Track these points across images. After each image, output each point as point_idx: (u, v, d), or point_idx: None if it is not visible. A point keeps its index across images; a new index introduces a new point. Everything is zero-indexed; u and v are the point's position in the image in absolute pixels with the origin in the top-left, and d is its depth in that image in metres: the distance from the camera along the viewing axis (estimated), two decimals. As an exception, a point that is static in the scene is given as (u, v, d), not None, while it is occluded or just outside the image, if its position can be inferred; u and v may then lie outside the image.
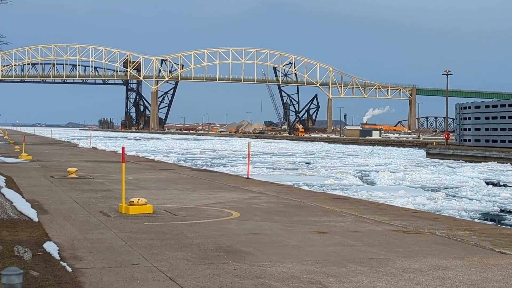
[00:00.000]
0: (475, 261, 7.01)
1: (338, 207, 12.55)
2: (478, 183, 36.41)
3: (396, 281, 5.85)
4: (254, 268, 6.42)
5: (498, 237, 9.08)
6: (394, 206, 14.40)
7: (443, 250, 7.79)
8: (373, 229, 9.69)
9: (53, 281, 5.58)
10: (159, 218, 10.25)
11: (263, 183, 19.43)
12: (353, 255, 7.32)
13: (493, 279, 6.02)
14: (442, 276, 6.11)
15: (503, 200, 27.41)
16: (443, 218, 12.17)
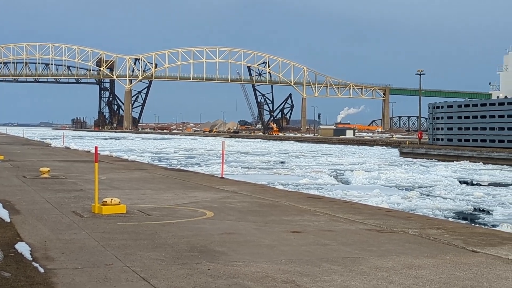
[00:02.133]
0: (448, 259, 6.87)
1: (312, 207, 12.21)
2: (451, 182, 35.96)
3: (369, 280, 5.66)
4: (227, 268, 6.18)
5: (470, 235, 8.95)
6: (368, 205, 14.06)
7: (416, 249, 7.63)
8: (347, 228, 9.44)
9: (25, 282, 5.28)
10: (133, 218, 9.89)
11: (237, 182, 18.83)
12: (326, 254, 7.11)
13: (465, 277, 5.87)
14: (415, 275, 5.92)
15: (476, 199, 27.05)
16: (416, 217, 11.93)
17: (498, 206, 25.15)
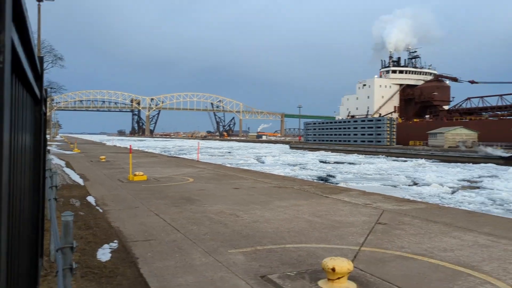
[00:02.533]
0: (314, 201, 10.97)
1: (245, 175, 17.60)
2: (315, 161, 57.36)
3: (274, 212, 9.38)
4: (201, 208, 9.79)
5: (325, 188, 13.76)
6: (274, 174, 20.41)
7: (298, 196, 11.80)
8: (263, 186, 13.97)
9: (92, 216, 8.54)
10: (150, 182, 14.60)
11: (206, 163, 27.32)
12: (252, 199, 11.05)
13: (323, 209, 9.83)
14: (297, 209, 9.75)
15: (327, 170, 43.06)
16: (298, 179, 17.29)
17: (338, 173, 38.80)
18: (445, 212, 9.85)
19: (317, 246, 6.52)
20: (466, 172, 44.48)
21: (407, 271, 5.36)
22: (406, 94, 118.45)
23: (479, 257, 6.02)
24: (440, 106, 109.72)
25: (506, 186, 30.08)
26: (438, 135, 79.65)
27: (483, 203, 23.14)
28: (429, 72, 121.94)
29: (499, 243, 6.87)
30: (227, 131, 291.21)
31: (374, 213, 9.50)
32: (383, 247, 6.50)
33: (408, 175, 40.07)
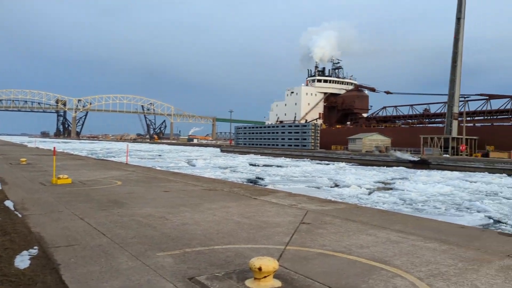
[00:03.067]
0: (243, 202, 11.10)
1: (175, 178, 17.21)
2: (246, 164, 58.18)
3: (204, 214, 9.31)
4: (129, 211, 9.45)
5: (254, 190, 13.97)
6: (205, 177, 20.27)
7: (227, 198, 11.85)
8: (193, 189, 13.76)
9: (10, 222, 7.89)
10: (75, 186, 13.70)
11: (135, 166, 26.27)
12: (182, 202, 10.90)
13: (251, 210, 9.95)
14: (227, 211, 9.77)
15: (257, 173, 43.32)
16: (228, 182, 17.28)
17: (267, 176, 39.45)
18: (363, 212, 10.42)
19: (245, 247, 6.58)
20: (381, 174, 47.49)
21: (328, 268, 5.59)
22: (329, 102, 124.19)
23: (391, 252, 6.44)
24: (359, 113, 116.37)
25: (415, 187, 32.57)
26: (356, 140, 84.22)
27: (395, 203, 24.84)
28: (351, 82, 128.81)
29: (408, 239, 7.41)
30: (158, 134, 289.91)
31: (299, 213, 9.80)
32: (306, 246, 6.72)
33: (331, 177, 41.92)
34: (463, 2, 70.54)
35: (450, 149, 68.32)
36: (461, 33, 70.59)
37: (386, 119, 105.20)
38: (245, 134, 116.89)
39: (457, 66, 70.83)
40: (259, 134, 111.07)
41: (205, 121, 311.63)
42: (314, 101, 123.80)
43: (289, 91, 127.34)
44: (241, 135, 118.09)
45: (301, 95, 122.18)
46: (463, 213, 21.60)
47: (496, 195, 30.08)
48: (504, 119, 78.24)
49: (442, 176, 45.15)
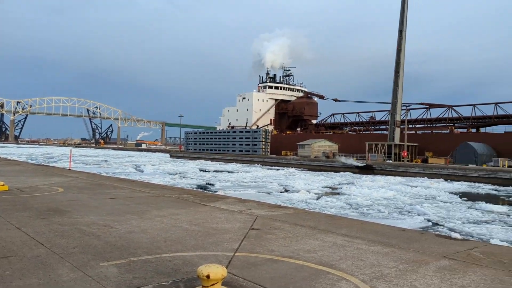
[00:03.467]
0: (192, 209, 10.90)
1: (122, 184, 16.53)
2: (195, 170, 57.05)
3: (151, 222, 9.03)
4: (71, 219, 8.98)
5: (203, 197, 13.83)
6: (153, 183, 19.61)
7: (176, 205, 11.55)
8: (140, 195, 13.35)
9: None
10: (12, 193, 12.73)
11: (79, 172, 24.76)
12: (129, 209, 10.54)
13: (200, 217, 9.81)
14: (175, 218, 9.55)
15: (207, 179, 42.92)
16: (178, 188, 16.85)
17: (217, 181, 39.50)
18: (311, 217, 10.63)
19: (193, 254, 6.48)
20: (329, 179, 48.78)
21: (276, 273, 5.63)
22: (280, 108, 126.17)
23: (337, 256, 6.61)
24: (309, 120, 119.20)
25: (360, 192, 33.74)
26: (305, 146, 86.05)
27: (342, 207, 25.59)
28: (301, 89, 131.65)
29: (353, 242, 7.64)
30: (104, 139, 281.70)
31: (248, 219, 9.81)
32: (255, 252, 6.73)
33: (280, 182, 42.45)
34: (405, 16, 74.51)
35: (393, 155, 71.57)
36: (403, 45, 74.44)
37: (335, 125, 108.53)
38: (195, 139, 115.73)
39: (400, 76, 74.55)
40: (210, 139, 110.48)
41: (154, 125, 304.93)
42: (265, 107, 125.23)
43: (240, 96, 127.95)
44: (192, 141, 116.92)
45: (252, 101, 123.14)
46: (404, 217, 22.64)
47: (434, 199, 31.83)
48: (443, 127, 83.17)
49: (386, 181, 47.15)
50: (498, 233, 18.38)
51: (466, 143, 65.58)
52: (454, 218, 22.42)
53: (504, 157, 61.62)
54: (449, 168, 56.46)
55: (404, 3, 74.32)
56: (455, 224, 20.56)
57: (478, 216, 23.63)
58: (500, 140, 68.63)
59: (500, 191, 41.40)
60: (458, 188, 42.75)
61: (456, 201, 30.80)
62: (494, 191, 41.82)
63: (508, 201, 33.64)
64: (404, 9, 74.28)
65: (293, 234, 8.24)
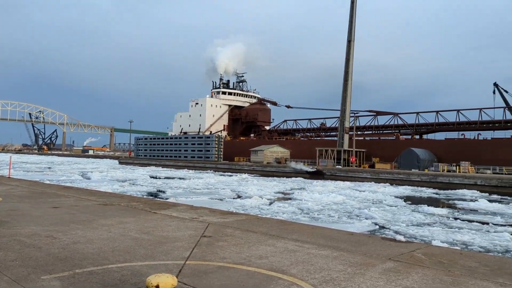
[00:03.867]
0: (141, 217, 10.65)
1: (67, 193, 15.79)
2: (146, 177, 56.07)
3: (98, 231, 8.73)
4: (10, 230, 8.45)
5: (154, 204, 13.54)
6: (100, 191, 18.70)
7: (124, 213, 11.29)
8: (87, 204, 12.80)
9: None
10: None
11: (19, 180, 23.47)
12: (73, 219, 10.08)
13: (150, 225, 9.49)
14: (124, 227, 9.26)
15: (158, 186, 42.21)
16: (127, 196, 16.40)
17: (169, 188, 39.45)
18: (263, 223, 10.69)
19: (143, 264, 6.30)
20: (281, 185, 49.38)
21: (227, 281, 5.60)
22: (234, 114, 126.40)
23: (288, 262, 6.68)
24: (262, 126, 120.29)
25: (311, 197, 34.43)
26: (258, 152, 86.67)
27: (294, 212, 25.97)
28: (254, 96, 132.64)
29: (303, 247, 7.76)
30: (48, 145, 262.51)
31: (200, 226, 9.70)
32: (207, 259, 6.66)
33: (233, 188, 42.41)
34: (353, 27, 77.39)
35: (342, 160, 73.77)
36: (351, 54, 77.19)
37: (287, 131, 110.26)
38: (146, 145, 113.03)
39: (348, 84, 77.18)
40: (161, 145, 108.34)
41: (102, 131, 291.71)
42: (219, 113, 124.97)
43: (193, 102, 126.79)
44: (142, 146, 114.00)
45: (205, 107, 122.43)
46: (353, 220, 23.35)
47: (381, 203, 33.11)
48: (389, 134, 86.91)
49: (336, 186, 48.45)
50: (439, 234, 19.41)
51: (409, 149, 68.88)
52: (399, 221, 23.42)
53: (444, 162, 65.38)
54: (394, 173, 59.00)
55: (352, 14, 77.21)
56: (400, 227, 21.47)
57: (421, 218, 24.83)
58: (441, 146, 72.76)
59: (440, 195, 43.81)
60: (403, 192, 44.75)
61: (401, 205, 32.21)
62: (435, 194, 44.18)
63: (447, 204, 35.66)
64: (352, 20, 77.16)
65: (245, 240, 8.25)
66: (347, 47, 77.63)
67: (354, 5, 77.32)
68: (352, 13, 77.30)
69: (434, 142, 75.89)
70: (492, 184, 48.69)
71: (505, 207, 32.64)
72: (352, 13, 77.33)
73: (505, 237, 18.87)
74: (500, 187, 47.72)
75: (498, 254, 15.58)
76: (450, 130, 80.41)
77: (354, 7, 77.29)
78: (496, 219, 25.66)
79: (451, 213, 28.37)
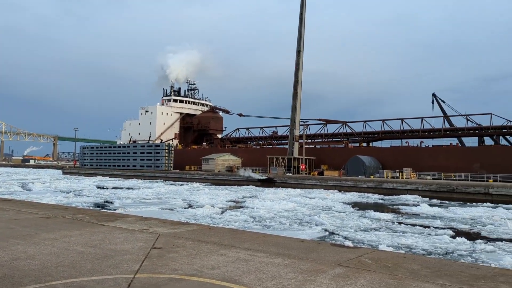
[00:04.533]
0: (87, 230, 10.24)
1: (5, 206, 14.81)
2: (92, 187, 53.15)
3: (40, 246, 8.24)
4: None
5: (101, 216, 13.05)
6: (43, 203, 17.74)
7: (70, 226, 10.76)
8: (27, 217, 12.05)
9: None
10: None
11: None
12: (13, 233, 9.47)
13: (97, 238, 9.23)
14: (68, 241, 8.85)
15: (105, 196, 40.67)
16: (72, 208, 15.53)
17: (117, 199, 38.38)
18: (214, 232, 10.62)
19: (90, 279, 6.06)
20: (233, 193, 49.32)
21: (179, 293, 5.51)
22: (185, 122, 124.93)
23: (240, 271, 6.69)
24: (215, 134, 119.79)
25: (263, 205, 34.68)
26: (209, 161, 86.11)
27: (246, 221, 26.01)
28: (206, 104, 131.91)
29: (255, 256, 7.81)
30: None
31: (150, 238, 9.48)
32: (158, 272, 6.52)
33: (184, 198, 41.80)
34: (302, 37, 79.46)
35: (293, 168, 75.02)
36: (300, 64, 79.09)
37: (239, 140, 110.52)
38: (92, 154, 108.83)
39: (298, 93, 78.90)
40: (108, 154, 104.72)
41: (45, 140, 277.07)
42: (170, 121, 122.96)
43: (143, 109, 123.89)
44: (88, 156, 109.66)
45: (156, 115, 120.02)
46: (304, 227, 23.77)
47: (330, 209, 33.98)
48: (339, 142, 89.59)
49: (287, 193, 49.15)
50: (385, 239, 20.23)
51: (356, 157, 71.39)
52: (347, 227, 24.15)
53: (389, 169, 68.36)
54: (342, 180, 60.83)
55: (301, 25, 79.28)
56: (348, 232, 22.14)
57: (368, 224, 25.76)
58: (386, 153, 75.98)
59: (385, 200, 45.71)
60: (351, 198, 46.22)
61: (349, 211, 33.24)
62: (380, 200, 46.03)
63: (392, 209, 37.26)
64: (301, 31, 79.21)
65: (197, 251, 8.16)
66: (296, 57, 79.48)
67: (303, 17, 79.51)
68: (301, 24, 79.39)
69: (381, 150, 79.18)
70: (432, 189, 51.57)
71: (444, 211, 34.63)
72: (301, 24, 79.42)
73: (445, 240, 20.00)
74: (439, 192, 50.64)
75: (439, 256, 16.48)
76: (395, 138, 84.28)
77: (303, 18, 79.46)
78: (437, 222, 27.15)
79: (396, 217, 29.66)
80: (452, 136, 78.74)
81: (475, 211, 33.73)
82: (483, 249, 18.15)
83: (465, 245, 18.96)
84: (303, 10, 79.48)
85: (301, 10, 79.67)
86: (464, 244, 19.04)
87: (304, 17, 79.59)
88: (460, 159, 66.12)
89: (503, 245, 19.24)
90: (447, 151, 70.67)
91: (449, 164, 65.69)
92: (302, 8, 79.58)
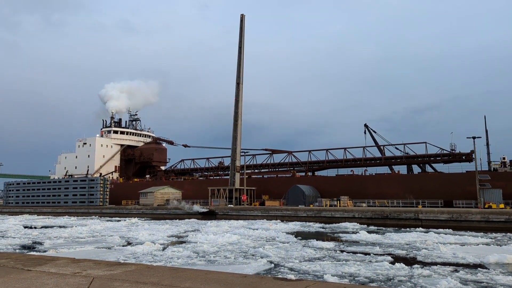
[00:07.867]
0: (12, 277, 9.01)
1: None
2: (18, 227, 49.43)
3: None
4: None
5: (27, 260, 11.86)
6: None
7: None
8: None
9: None
10: None
11: None
12: None
13: (22, 286, 8.09)
14: None
15: (34, 237, 38.08)
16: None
17: (47, 239, 35.29)
18: (153, 272, 10.04)
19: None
20: (174, 228, 47.77)
21: None
22: (127, 154, 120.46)
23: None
24: (158, 166, 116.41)
25: (206, 239, 33.83)
26: (148, 194, 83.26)
27: (189, 257, 25.08)
28: (149, 135, 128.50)
29: (199, 296, 7.41)
30: None
31: (83, 282, 8.73)
32: (90, 322, 5.94)
33: (122, 235, 39.71)
34: (241, 70, 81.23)
35: (234, 199, 74.65)
36: (240, 96, 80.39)
37: (185, 171, 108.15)
38: (18, 191, 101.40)
39: (238, 124, 79.71)
40: (37, 190, 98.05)
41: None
42: (110, 153, 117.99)
43: (81, 142, 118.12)
44: (13, 192, 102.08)
45: (95, 147, 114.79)
46: (249, 260, 23.38)
47: (274, 240, 33.91)
48: (286, 171, 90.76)
49: (229, 226, 48.51)
50: (329, 268, 20.40)
51: (295, 186, 72.64)
52: (292, 258, 24.11)
53: (331, 197, 69.94)
54: (283, 210, 61.38)
55: (240, 58, 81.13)
56: (293, 263, 22.09)
57: (312, 253, 25.94)
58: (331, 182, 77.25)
59: (326, 228, 46.61)
60: (293, 228, 46.58)
61: (293, 241, 33.37)
62: (321, 228, 46.86)
63: (332, 237, 38.00)
64: (240, 63, 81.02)
65: (135, 294, 7.60)
66: (236, 89, 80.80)
67: (242, 50, 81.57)
68: (240, 57, 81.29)
69: (326, 179, 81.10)
70: (368, 216, 53.53)
71: (382, 237, 35.91)
72: (240, 57, 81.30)
73: (385, 266, 20.59)
74: (374, 219, 52.66)
75: (380, 284, 16.84)
76: (339, 167, 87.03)
77: (242, 52, 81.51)
78: (376, 249, 27.99)
79: (337, 245, 30.21)
80: (384, 164, 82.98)
81: (409, 236, 35.29)
82: (420, 273, 18.87)
83: (404, 270, 19.61)
84: (241, 44, 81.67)
85: (240, 44, 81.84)
86: (403, 270, 19.69)
87: (243, 51, 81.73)
88: (400, 186, 69.44)
89: (438, 269, 20.16)
90: (389, 178, 74.02)
91: (392, 191, 68.68)
92: (240, 42, 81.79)
